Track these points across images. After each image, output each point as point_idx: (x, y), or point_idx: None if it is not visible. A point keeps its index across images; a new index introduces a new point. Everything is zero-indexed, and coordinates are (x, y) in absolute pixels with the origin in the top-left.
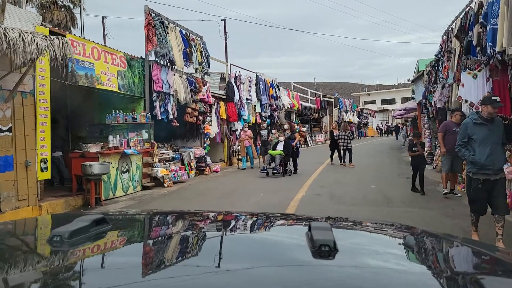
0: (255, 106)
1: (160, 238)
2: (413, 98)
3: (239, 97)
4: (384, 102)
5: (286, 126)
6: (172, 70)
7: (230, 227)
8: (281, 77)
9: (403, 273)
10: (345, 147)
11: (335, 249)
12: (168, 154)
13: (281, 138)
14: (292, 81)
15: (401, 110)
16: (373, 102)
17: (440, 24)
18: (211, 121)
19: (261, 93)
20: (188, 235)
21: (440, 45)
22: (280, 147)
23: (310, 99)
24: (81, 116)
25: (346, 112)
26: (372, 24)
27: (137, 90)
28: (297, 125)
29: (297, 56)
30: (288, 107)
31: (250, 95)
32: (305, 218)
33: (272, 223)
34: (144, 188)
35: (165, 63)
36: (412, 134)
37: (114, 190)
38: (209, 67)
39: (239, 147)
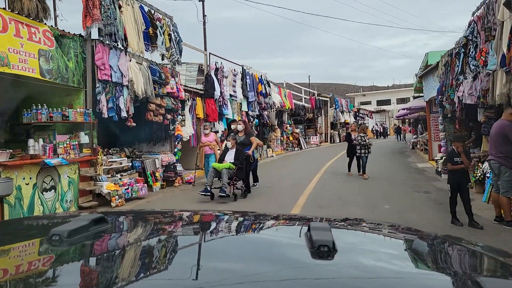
0: (240, 103)
1: (160, 237)
2: (415, 97)
3: (221, 92)
4: (380, 103)
5: (239, 127)
6: (126, 54)
7: (229, 227)
8: (277, 78)
9: (402, 274)
10: (357, 154)
11: (334, 249)
12: (121, 163)
13: (230, 144)
14: (287, 81)
15: (404, 109)
16: (368, 103)
17: (435, 26)
18: (184, 120)
19: (248, 89)
20: (188, 235)
21: (474, 22)
22: (230, 157)
23: (304, 97)
24: (8, 114)
25: (342, 112)
26: (366, 27)
27: (73, 78)
28: (289, 126)
29: (293, 57)
30: (279, 106)
31: (235, 91)
32: (304, 219)
33: (271, 223)
34: (82, 209)
35: (114, 44)
36: (452, 138)
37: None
38: (181, 55)
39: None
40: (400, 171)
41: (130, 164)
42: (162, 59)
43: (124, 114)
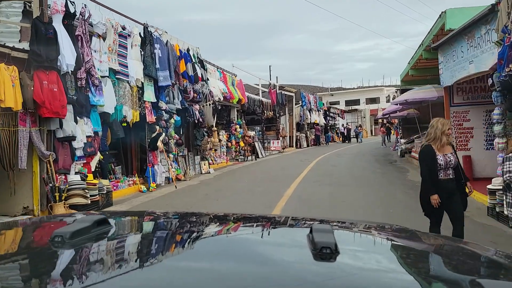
0: (139, 88)
1: (163, 239)
2: (402, 90)
3: (82, 62)
4: (348, 103)
5: None
6: None
7: (230, 229)
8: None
9: (404, 275)
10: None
11: (336, 251)
12: None
13: None
14: (236, 66)
15: (396, 104)
16: (337, 103)
17: (396, 31)
18: None
19: (158, 66)
20: (190, 236)
21: None
22: None
23: (262, 91)
24: None
25: (310, 110)
26: (332, 30)
27: None
28: (240, 127)
29: (258, 60)
30: (220, 98)
31: (125, 64)
32: (306, 221)
33: (273, 225)
34: None
35: None
36: None
37: None
38: None
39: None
40: (415, 206)
41: None
42: None
43: None
